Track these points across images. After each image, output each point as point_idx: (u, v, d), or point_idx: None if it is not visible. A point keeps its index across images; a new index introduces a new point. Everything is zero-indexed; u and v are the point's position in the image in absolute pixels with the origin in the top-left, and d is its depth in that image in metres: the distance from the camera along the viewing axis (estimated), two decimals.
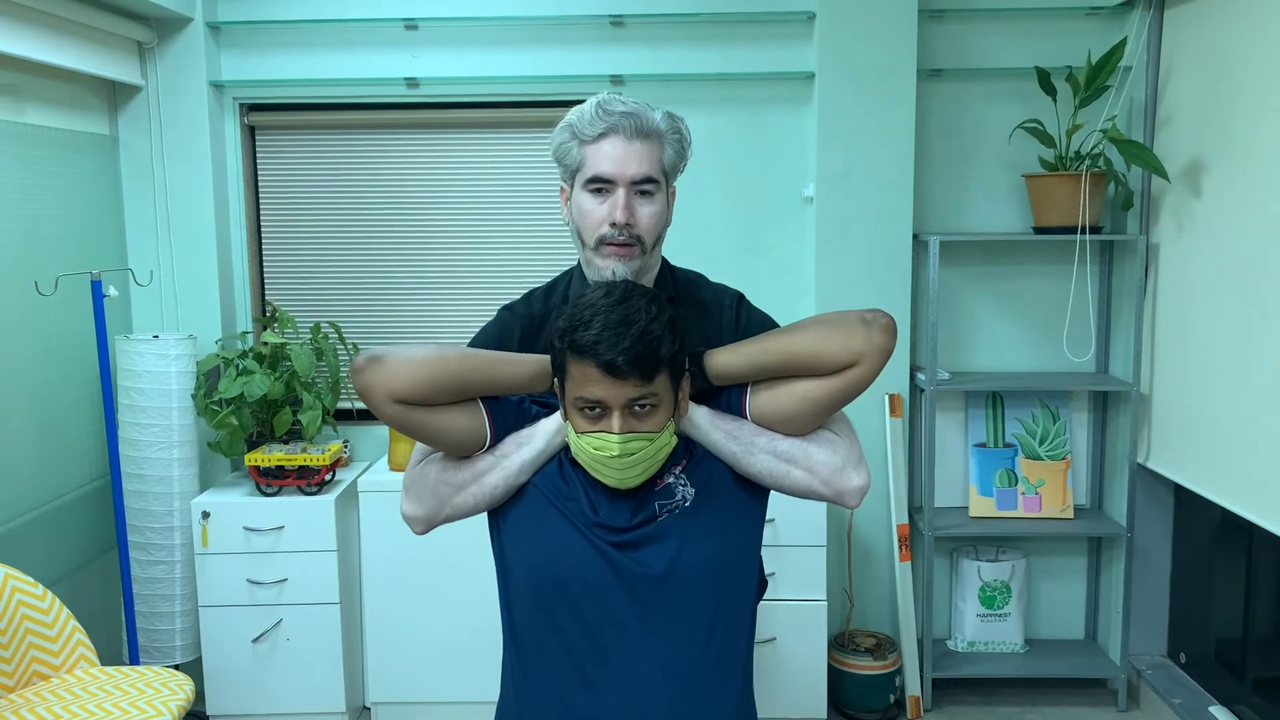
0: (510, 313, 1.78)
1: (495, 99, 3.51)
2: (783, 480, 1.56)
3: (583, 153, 1.63)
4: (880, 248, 3.39)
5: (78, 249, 3.20)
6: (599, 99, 1.64)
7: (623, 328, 1.42)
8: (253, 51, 3.49)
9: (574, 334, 1.44)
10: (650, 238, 1.65)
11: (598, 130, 1.61)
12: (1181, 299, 3.15)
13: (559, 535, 1.53)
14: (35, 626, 2.65)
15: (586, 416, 1.47)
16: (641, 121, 1.62)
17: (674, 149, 1.68)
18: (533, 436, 1.58)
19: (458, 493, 1.58)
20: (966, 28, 3.46)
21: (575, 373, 1.46)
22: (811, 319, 1.54)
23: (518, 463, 1.57)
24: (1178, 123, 3.16)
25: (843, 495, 1.56)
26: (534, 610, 1.54)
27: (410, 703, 3.36)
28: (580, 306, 1.47)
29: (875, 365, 1.49)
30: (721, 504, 1.56)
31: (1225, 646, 3.21)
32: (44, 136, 3.06)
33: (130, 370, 3.20)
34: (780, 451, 1.55)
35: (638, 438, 1.46)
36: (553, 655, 1.53)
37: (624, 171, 1.61)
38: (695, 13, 3.40)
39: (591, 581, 1.50)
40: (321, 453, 3.26)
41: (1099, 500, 3.65)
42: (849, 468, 1.55)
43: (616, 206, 1.61)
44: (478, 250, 3.62)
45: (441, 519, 1.60)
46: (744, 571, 1.60)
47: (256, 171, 3.62)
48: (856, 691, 3.38)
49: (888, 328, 1.49)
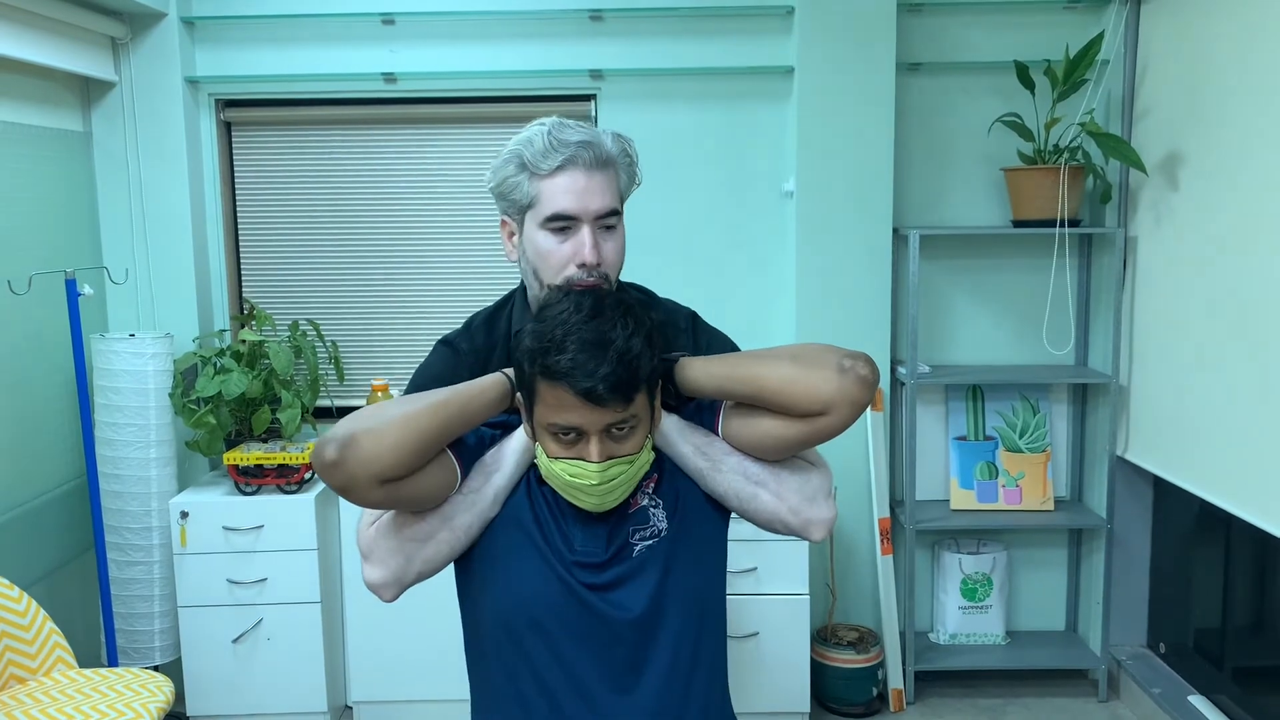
0: (451, 348, 1.64)
1: (473, 94, 3.49)
2: (748, 503, 1.48)
3: (536, 188, 1.49)
4: (860, 242, 3.39)
5: (52, 247, 3.17)
6: (548, 128, 1.50)
7: (599, 349, 1.30)
8: (228, 46, 3.46)
9: (546, 357, 1.31)
10: (615, 273, 1.55)
11: (554, 163, 1.47)
12: (1160, 291, 3.17)
13: (533, 575, 1.42)
14: (11, 629, 2.62)
15: (560, 441, 1.37)
16: (599, 150, 1.50)
17: (627, 174, 1.56)
18: (500, 463, 1.47)
19: (425, 545, 1.43)
20: (945, 22, 3.46)
21: (548, 397, 1.34)
22: (790, 350, 1.43)
23: (490, 495, 1.45)
24: (1155, 116, 3.18)
25: (809, 525, 1.47)
26: (507, 653, 1.44)
27: (392, 702, 3.35)
28: (549, 323, 1.34)
29: (845, 417, 1.37)
30: (695, 526, 1.49)
31: (1204, 636, 3.24)
32: (16, 133, 3.02)
33: (106, 369, 3.17)
34: (750, 473, 1.47)
35: (618, 463, 1.37)
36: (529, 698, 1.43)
37: (588, 207, 1.48)
38: (674, 7, 3.39)
39: (568, 622, 1.41)
40: (301, 451, 3.24)
41: (1079, 492, 3.67)
42: (819, 498, 1.47)
43: (584, 246, 1.48)
44: (456, 246, 3.60)
45: (412, 578, 1.44)
46: (719, 599, 1.54)
47: (233, 168, 3.59)
48: (839, 685, 3.39)
49: (865, 380, 1.36)
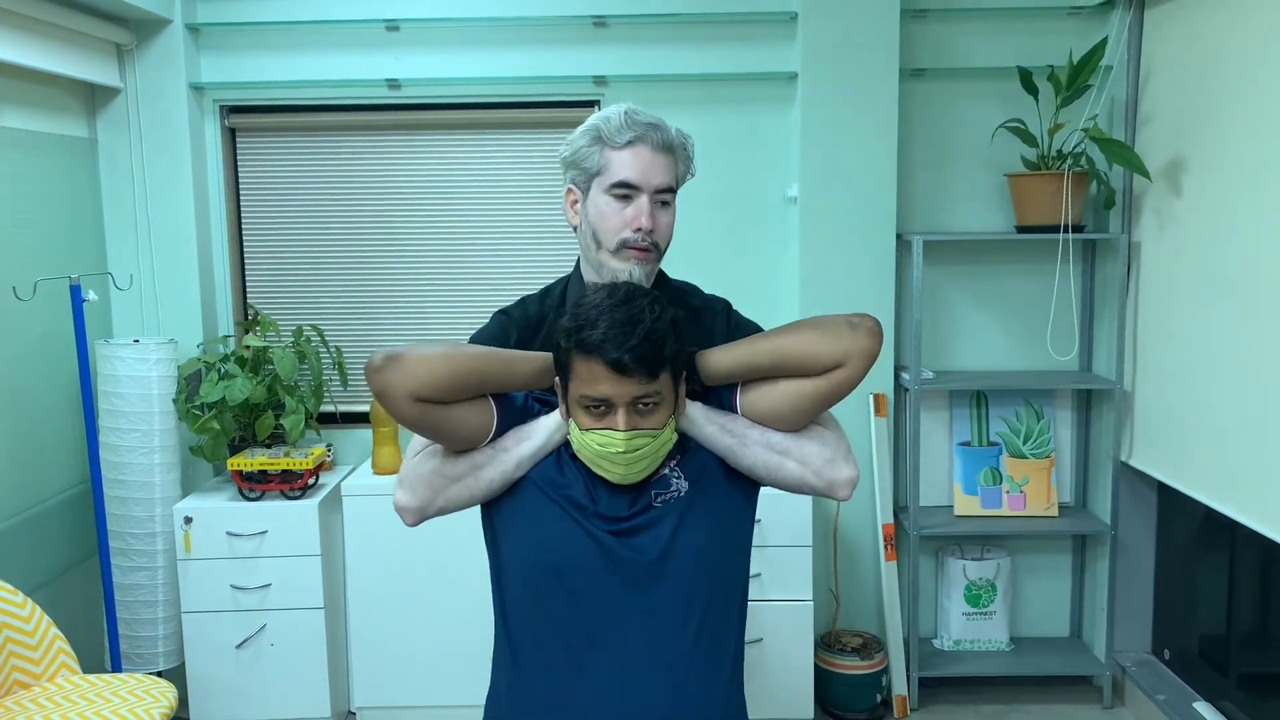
0: (506, 316, 1.81)
1: (477, 100, 3.50)
2: (776, 472, 1.60)
3: (607, 157, 1.69)
4: (864, 248, 3.39)
5: (56, 253, 3.17)
6: (624, 109, 1.70)
7: (629, 327, 1.45)
8: (233, 53, 3.47)
9: (580, 333, 1.47)
10: (664, 244, 1.74)
11: (626, 138, 1.68)
12: (1163, 297, 3.17)
13: (555, 524, 1.56)
14: (15, 635, 2.62)
15: (591, 414, 1.50)
16: (665, 135, 1.70)
17: (684, 164, 1.76)
18: (533, 432, 1.61)
19: (452, 485, 1.60)
20: (949, 28, 3.47)
21: (581, 370, 1.49)
22: (801, 322, 1.59)
23: (515, 457, 1.60)
24: (1158, 122, 3.18)
25: (834, 486, 1.60)
26: (528, 597, 1.57)
27: (395, 707, 3.34)
28: (585, 306, 1.50)
29: (860, 367, 1.54)
30: (715, 494, 1.60)
31: (1209, 643, 3.23)
32: (22, 139, 3.03)
33: (111, 375, 3.18)
34: (774, 444, 1.59)
35: (642, 434, 1.50)
36: (547, 640, 1.56)
37: (650, 180, 1.68)
38: (678, 13, 3.40)
39: (586, 567, 1.53)
40: (304, 457, 3.24)
41: (1083, 498, 3.66)
42: (839, 459, 1.60)
43: (642, 213, 1.68)
44: (460, 252, 3.61)
45: (434, 511, 1.62)
46: (735, 559, 1.64)
47: (237, 174, 3.60)
48: (843, 691, 3.39)
49: (873, 331, 1.54)
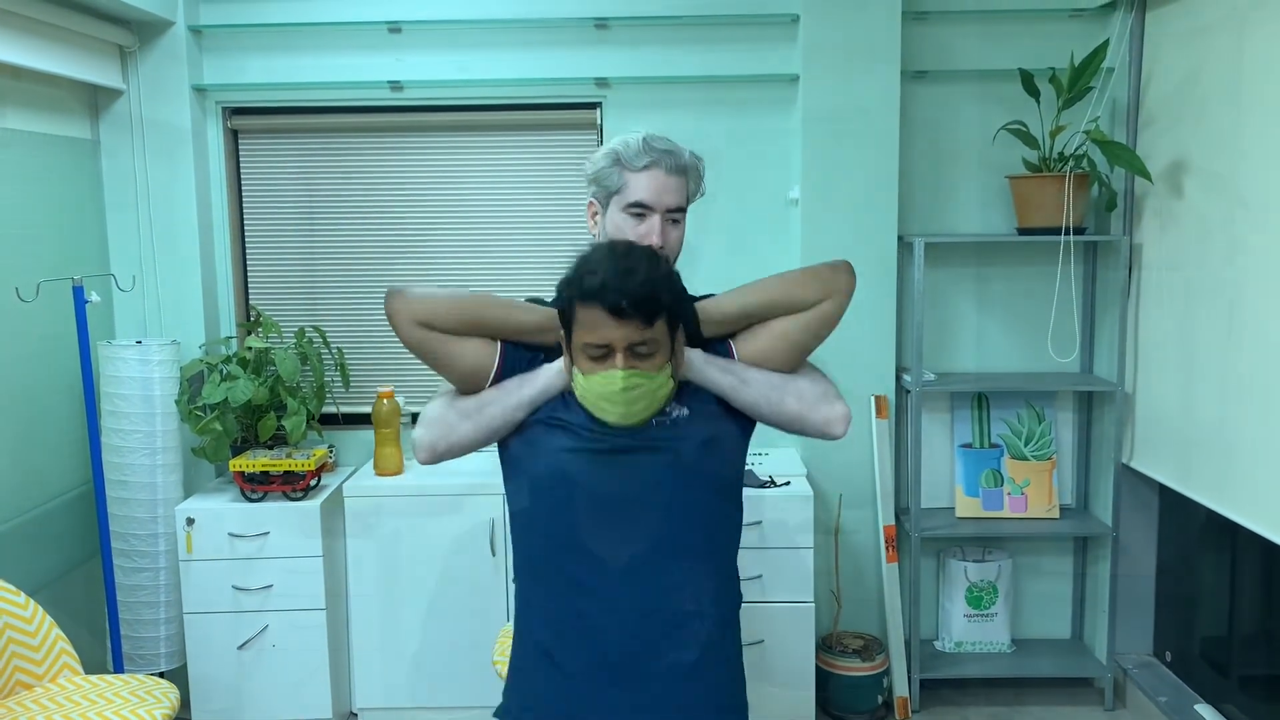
0: None
1: (479, 102, 3.50)
2: (776, 406, 1.75)
3: (625, 178, 1.87)
4: (865, 249, 3.39)
5: (59, 254, 3.18)
6: (643, 135, 1.89)
7: (627, 275, 1.58)
8: (235, 55, 3.48)
9: (581, 281, 1.60)
10: (674, 256, 1.90)
11: (643, 162, 1.86)
12: (1165, 299, 3.17)
13: (561, 440, 1.71)
14: (17, 635, 2.63)
15: (592, 359, 1.63)
16: (678, 159, 1.89)
17: (694, 184, 1.95)
18: (535, 377, 1.76)
19: (461, 421, 1.74)
20: (950, 30, 3.47)
21: (582, 318, 1.61)
22: (783, 273, 1.79)
23: (517, 398, 1.74)
24: (1160, 124, 3.18)
25: (830, 423, 1.76)
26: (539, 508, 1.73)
27: (397, 708, 3.35)
28: (586, 260, 1.64)
29: (841, 302, 1.75)
30: (712, 416, 1.76)
31: (1210, 645, 3.23)
32: (24, 141, 3.04)
33: (113, 376, 3.18)
34: (773, 382, 1.76)
35: (639, 374, 1.63)
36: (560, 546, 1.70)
37: (662, 201, 1.87)
38: (679, 15, 3.40)
39: (594, 470, 1.69)
40: (306, 458, 3.24)
41: (1084, 500, 3.66)
42: (831, 395, 1.78)
43: (653, 231, 1.86)
44: (462, 253, 3.61)
45: (444, 447, 1.75)
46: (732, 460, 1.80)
47: (240, 175, 3.61)
48: (844, 693, 3.38)
49: (851, 271, 1.77)
